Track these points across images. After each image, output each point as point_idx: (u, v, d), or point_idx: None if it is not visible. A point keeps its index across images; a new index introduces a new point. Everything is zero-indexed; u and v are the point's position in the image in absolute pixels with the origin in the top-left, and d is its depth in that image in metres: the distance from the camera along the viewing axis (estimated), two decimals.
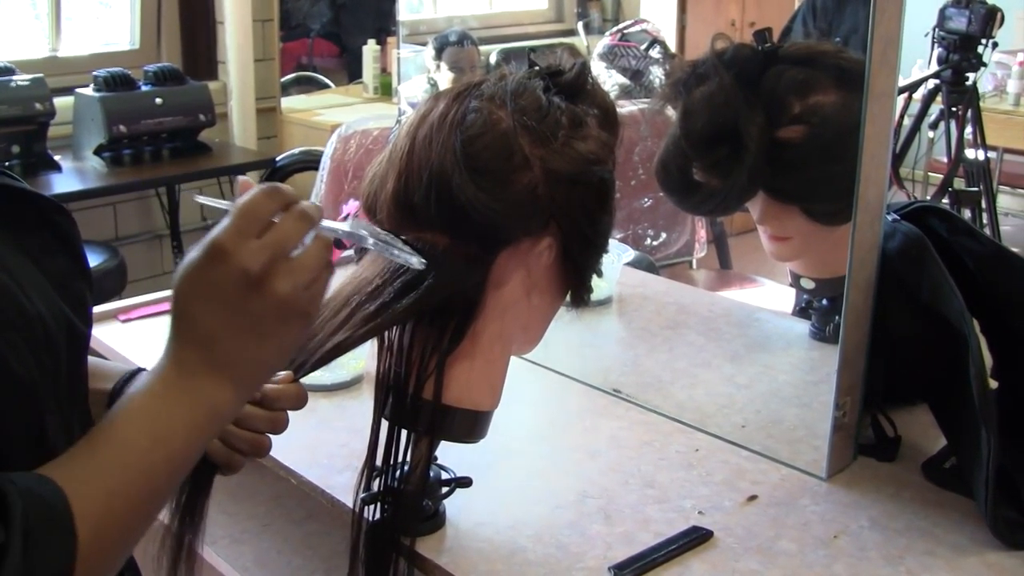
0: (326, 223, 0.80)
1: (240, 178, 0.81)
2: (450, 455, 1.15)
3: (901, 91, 3.52)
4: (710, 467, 1.28)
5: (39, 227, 0.83)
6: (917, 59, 3.83)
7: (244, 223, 0.75)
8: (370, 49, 4.59)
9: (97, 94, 3.39)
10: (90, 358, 1.00)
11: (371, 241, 0.90)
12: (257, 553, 1.40)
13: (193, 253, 0.75)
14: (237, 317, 0.74)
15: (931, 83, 3.72)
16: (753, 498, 1.21)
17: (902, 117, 3.74)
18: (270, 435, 0.97)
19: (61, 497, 0.69)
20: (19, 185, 0.83)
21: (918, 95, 3.77)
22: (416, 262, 0.92)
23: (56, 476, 0.70)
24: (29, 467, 0.71)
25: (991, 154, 4.00)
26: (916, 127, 3.82)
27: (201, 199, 0.88)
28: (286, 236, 0.76)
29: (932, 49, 3.64)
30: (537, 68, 1.06)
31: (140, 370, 1.00)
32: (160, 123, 3.46)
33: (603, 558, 1.09)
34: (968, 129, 3.71)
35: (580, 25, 2.53)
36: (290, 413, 0.97)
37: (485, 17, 2.93)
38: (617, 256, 1.74)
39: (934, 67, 3.64)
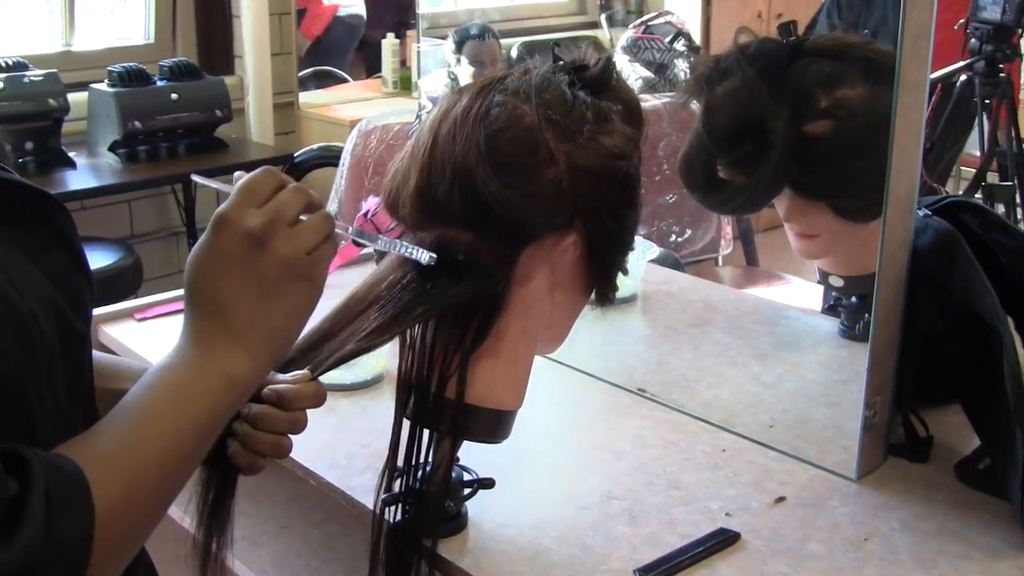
0: (338, 223, 0.89)
1: (237, 173, 0.88)
2: (472, 455, 1.15)
3: (932, 83, 3.50)
4: (737, 468, 1.28)
5: (36, 222, 0.84)
6: None
7: (245, 196, 0.84)
8: (389, 43, 4.60)
9: (112, 89, 3.41)
10: (107, 356, 1.01)
11: (380, 241, 0.97)
12: (275, 555, 1.41)
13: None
14: (245, 278, 0.82)
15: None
16: (781, 499, 1.21)
17: (933, 110, 3.71)
18: (290, 436, 0.97)
19: (79, 472, 0.73)
20: (15, 179, 0.83)
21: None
22: (426, 258, 0.97)
23: (78, 453, 0.75)
24: None
25: None
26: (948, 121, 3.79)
27: (200, 179, 0.97)
28: (284, 204, 0.84)
29: (964, 40, 3.62)
30: (561, 63, 1.06)
31: None
32: (176, 119, 3.48)
33: (628, 560, 1.10)
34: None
35: (603, 17, 2.52)
36: (309, 413, 0.98)
37: (506, 10, 2.93)
38: (642, 253, 1.74)
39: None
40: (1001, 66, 3.61)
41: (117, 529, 0.74)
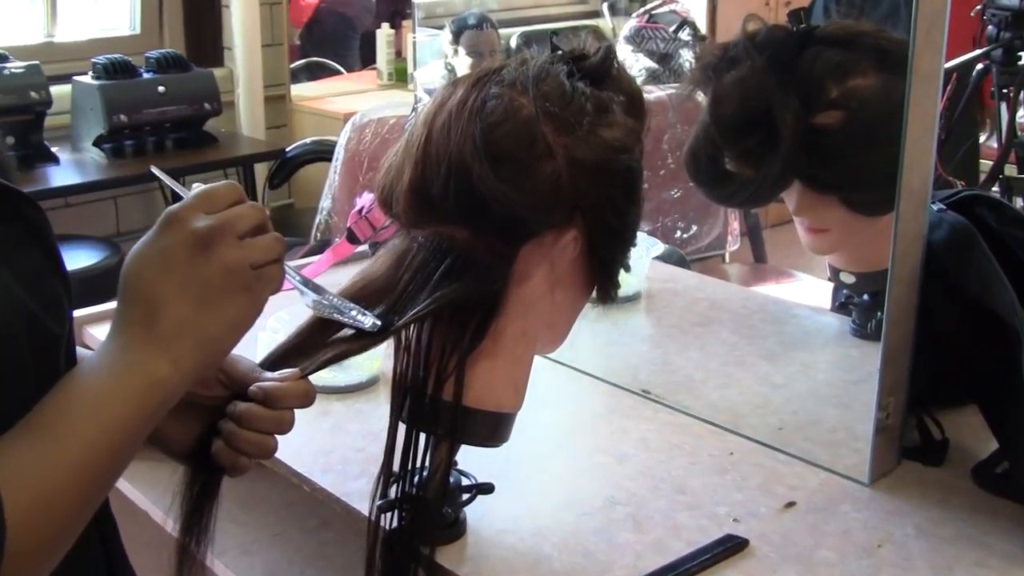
0: (289, 267, 0.90)
1: (196, 184, 0.88)
2: (471, 460, 1.15)
3: (947, 72, 3.50)
4: (745, 471, 1.28)
5: (10, 221, 0.84)
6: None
7: (200, 201, 0.84)
8: (384, 33, 4.60)
9: (96, 82, 3.41)
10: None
11: (326, 298, 0.99)
12: (268, 564, 1.41)
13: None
14: (182, 280, 0.81)
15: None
16: (791, 504, 1.21)
17: (948, 100, 3.71)
18: (276, 436, 0.97)
19: None
20: None
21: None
22: (369, 323, 0.98)
23: None
24: None
25: None
26: (964, 112, 3.79)
27: (158, 172, 0.98)
28: (238, 215, 0.84)
29: (981, 27, 3.62)
30: (560, 52, 1.06)
31: None
32: (163, 112, 3.48)
33: (632, 567, 1.10)
34: (1020, 112, 3.68)
35: (605, 6, 2.53)
36: (302, 416, 0.97)
37: None
38: (645, 250, 1.74)
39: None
40: (1020, 54, 3.61)
41: (28, 540, 0.73)
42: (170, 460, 1.00)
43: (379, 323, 0.98)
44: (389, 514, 1.07)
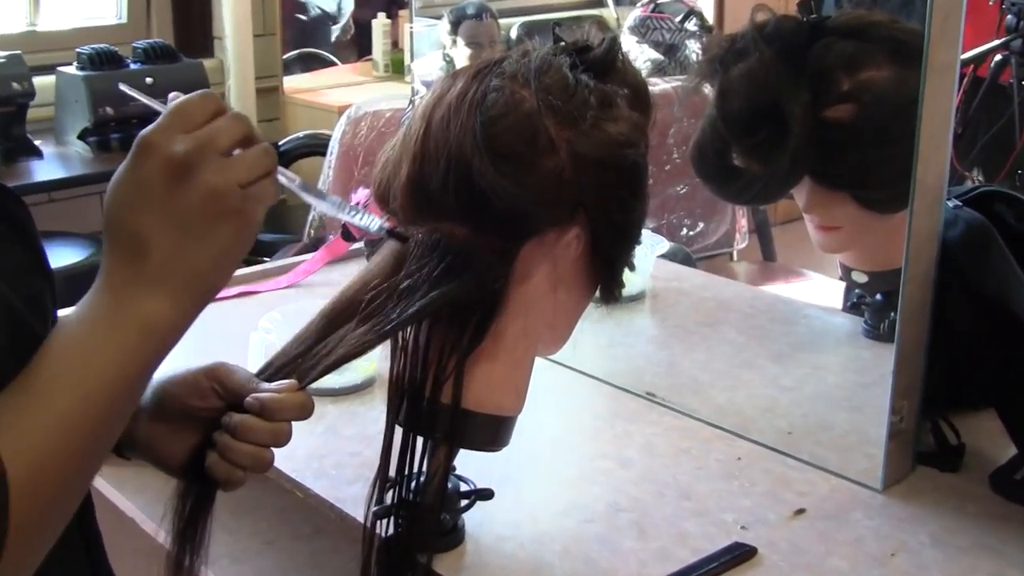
0: (281, 170, 0.85)
1: (172, 94, 0.83)
2: (470, 464, 1.16)
3: (964, 64, 3.50)
4: (753, 477, 1.28)
5: None
6: None
7: (174, 119, 0.79)
8: (380, 23, 4.60)
9: (81, 73, 3.41)
10: None
11: (328, 201, 0.96)
12: (259, 573, 1.41)
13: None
14: (164, 213, 0.77)
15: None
16: (801, 511, 1.22)
17: (964, 93, 3.72)
18: (272, 448, 0.98)
19: None
20: None
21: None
22: (376, 225, 0.98)
23: None
24: None
25: None
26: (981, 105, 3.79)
27: (127, 88, 0.94)
28: (218, 130, 0.80)
29: (999, 17, 3.62)
30: (563, 44, 1.07)
31: None
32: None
33: None
34: None
35: None
36: (295, 422, 0.98)
37: None
38: (650, 248, 1.74)
39: None
40: None
41: (30, 505, 0.72)
42: (163, 472, 1.00)
43: (386, 226, 0.99)
44: (385, 521, 1.07)
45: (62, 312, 0.83)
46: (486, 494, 1.16)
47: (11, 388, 0.76)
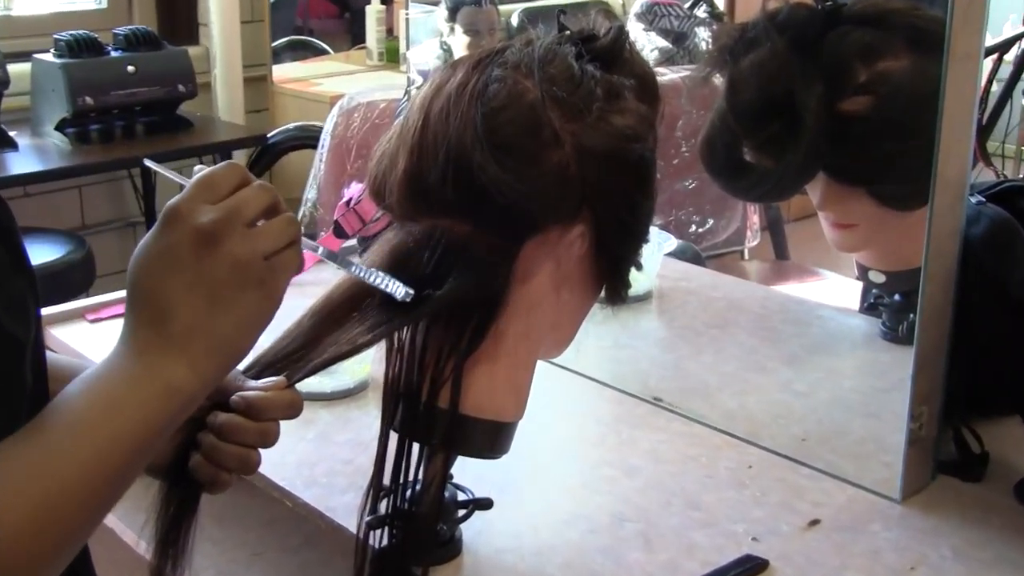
0: (305, 240, 0.89)
1: (197, 166, 0.88)
2: (468, 472, 1.16)
3: (989, 52, 3.50)
4: (765, 486, 1.28)
5: None
6: (1009, 14, 3.81)
7: (201, 190, 0.84)
8: (374, 9, 4.60)
9: (59, 60, 3.40)
10: (66, 360, 1.01)
11: (354, 267, 0.98)
12: None
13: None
14: (190, 281, 0.82)
15: None
16: (815, 522, 1.22)
17: (990, 83, 3.72)
18: (259, 449, 0.97)
19: None
20: None
21: (1009, 56, 3.74)
22: (401, 292, 0.98)
23: None
24: None
25: None
26: (1007, 94, 3.79)
27: (153, 165, 0.98)
28: (244, 201, 0.84)
29: None
30: (568, 32, 1.07)
31: None
32: (133, 94, 3.47)
33: None
34: None
35: None
36: (285, 425, 0.98)
37: None
38: (658, 246, 1.75)
39: None
40: None
41: (25, 549, 0.74)
42: (144, 475, 1.00)
43: (411, 292, 0.99)
44: (379, 531, 1.07)
45: (42, 313, 0.83)
46: (485, 503, 1.16)
47: (23, 433, 0.78)
